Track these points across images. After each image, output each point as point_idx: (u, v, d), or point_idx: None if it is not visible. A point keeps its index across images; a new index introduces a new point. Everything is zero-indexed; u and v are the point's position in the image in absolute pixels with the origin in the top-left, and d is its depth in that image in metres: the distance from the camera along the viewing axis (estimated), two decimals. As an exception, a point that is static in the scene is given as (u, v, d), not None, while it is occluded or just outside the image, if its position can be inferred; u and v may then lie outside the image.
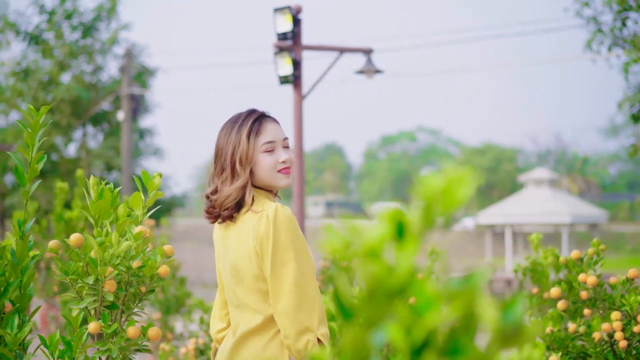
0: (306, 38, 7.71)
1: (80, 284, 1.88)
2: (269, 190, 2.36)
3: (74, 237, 1.83)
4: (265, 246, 2.17)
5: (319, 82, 7.88)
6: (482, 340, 0.75)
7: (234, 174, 2.27)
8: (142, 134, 18.37)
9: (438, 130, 61.19)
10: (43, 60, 17.35)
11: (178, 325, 6.07)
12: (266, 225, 2.18)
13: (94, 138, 18.25)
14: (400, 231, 0.74)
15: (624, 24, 11.08)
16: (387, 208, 0.74)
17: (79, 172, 5.21)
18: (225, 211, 2.28)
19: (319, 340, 2.15)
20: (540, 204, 25.87)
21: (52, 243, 1.89)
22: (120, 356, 1.88)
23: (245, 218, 2.26)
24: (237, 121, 2.35)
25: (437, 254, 4.96)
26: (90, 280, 1.82)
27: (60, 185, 4.85)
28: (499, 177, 44.41)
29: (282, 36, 7.46)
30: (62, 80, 17.34)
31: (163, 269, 1.88)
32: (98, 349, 1.88)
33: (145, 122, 19.05)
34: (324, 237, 0.75)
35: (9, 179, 20.34)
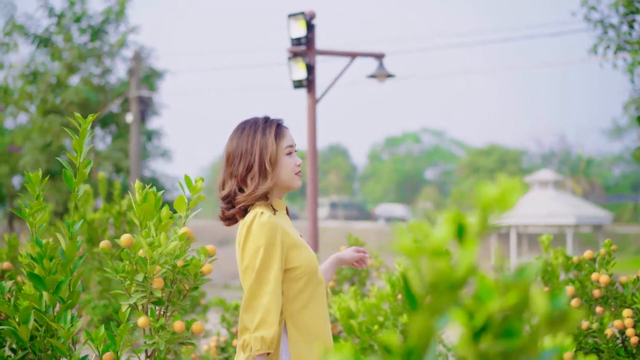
0: (318, 43, 7.83)
1: (129, 282, 2.01)
2: (272, 200, 2.49)
3: (125, 238, 1.95)
4: (240, 249, 2.34)
5: (332, 86, 8.02)
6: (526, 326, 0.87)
7: (262, 173, 2.43)
8: (150, 136, 18.51)
9: (442, 131, 61.26)
10: (51, 62, 17.50)
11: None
12: (241, 230, 2.35)
13: (102, 140, 18.39)
14: (460, 232, 0.86)
15: (631, 27, 11.17)
16: (450, 213, 0.87)
17: (101, 175, 5.34)
18: (237, 210, 2.41)
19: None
20: (544, 205, 25.98)
21: (103, 243, 2.01)
22: (166, 349, 2.00)
23: (245, 219, 2.41)
24: (257, 125, 2.50)
25: (447, 254, 5.08)
26: (140, 277, 1.95)
27: (86, 189, 4.98)
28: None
29: (296, 41, 7.60)
30: (71, 83, 17.48)
31: (207, 268, 2.00)
32: (145, 342, 2.01)
33: (152, 124, 19.19)
34: (396, 237, 0.87)
35: (17, 180, 20.50)
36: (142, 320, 1.94)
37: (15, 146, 17.20)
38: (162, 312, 2.04)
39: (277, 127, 2.51)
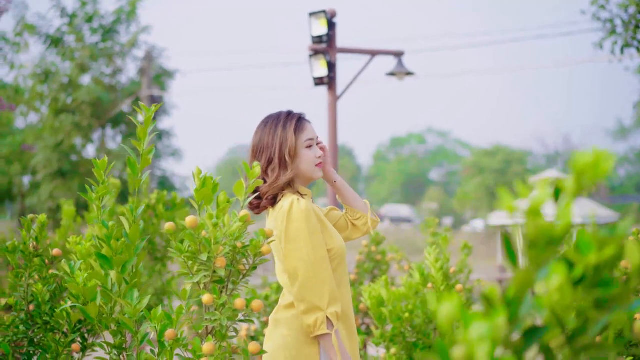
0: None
1: (192, 262, 2.12)
2: (298, 186, 2.65)
3: (190, 219, 2.06)
4: (281, 235, 2.47)
5: (352, 83, 8.15)
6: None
7: (282, 165, 2.57)
8: (160, 135, 18.64)
9: (447, 132, 61.35)
10: (63, 62, 17.63)
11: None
12: (282, 216, 2.49)
13: (113, 140, 18.53)
14: (557, 194, 0.97)
15: (637, 26, 11.24)
16: (548, 178, 0.97)
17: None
18: (266, 200, 2.58)
19: (328, 319, 2.42)
20: (550, 206, 26.00)
21: (168, 225, 2.12)
22: (227, 325, 2.11)
23: (276, 208, 2.57)
24: (279, 119, 2.65)
25: (469, 248, 5.17)
26: (204, 257, 2.06)
27: (113, 181, 5.11)
28: (508, 178, 44.54)
29: (317, 39, 7.72)
30: (82, 83, 17.61)
31: (266, 248, 2.11)
32: (207, 319, 2.11)
33: (163, 123, 19.32)
34: (501, 198, 0.98)
35: (27, 180, 20.65)
36: (206, 298, 2.05)
37: (28, 145, 17.34)
38: (223, 290, 2.14)
39: (297, 121, 2.64)
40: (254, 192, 2.59)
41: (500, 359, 0.92)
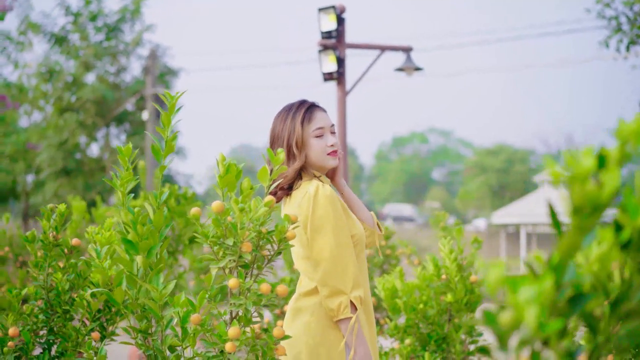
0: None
1: (217, 247, 2.14)
2: (318, 174, 2.66)
3: (216, 204, 2.08)
4: (307, 220, 2.48)
5: (361, 78, 8.18)
6: None
7: (290, 155, 2.59)
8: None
9: (449, 131, 61.36)
10: (67, 61, 17.67)
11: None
12: (307, 201, 2.50)
13: (117, 138, 18.56)
14: (602, 162, 0.99)
15: (643, 24, 11.24)
16: (591, 147, 0.99)
17: (142, 164, 5.54)
18: (280, 190, 2.60)
19: (352, 303, 2.44)
20: (554, 205, 25.99)
21: (194, 210, 2.14)
22: (252, 310, 2.13)
23: (296, 195, 2.59)
24: (290, 110, 2.67)
25: (479, 243, 5.19)
26: (230, 242, 2.08)
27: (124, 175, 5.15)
28: (511, 178, 44.54)
29: (327, 35, 7.74)
30: (86, 81, 17.65)
31: (291, 233, 2.13)
32: (233, 303, 2.13)
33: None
34: (546, 165, 1.00)
35: (30, 178, 20.68)
36: (232, 282, 2.07)
37: (32, 144, 17.38)
38: (248, 275, 2.16)
39: (305, 111, 2.65)
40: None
41: (548, 323, 0.93)
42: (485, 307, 1.01)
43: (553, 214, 1.00)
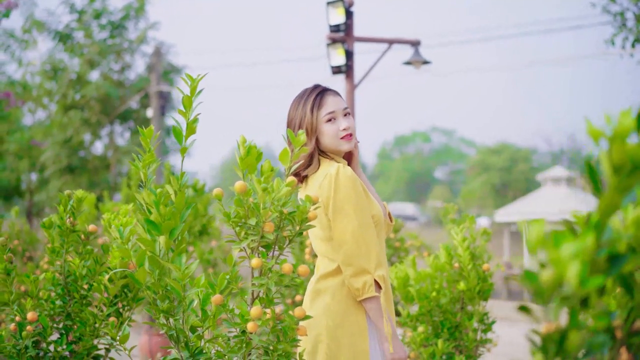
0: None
1: (239, 227, 2.15)
2: (334, 157, 2.68)
3: (239, 184, 2.10)
4: (328, 201, 2.50)
5: (370, 71, 8.20)
6: None
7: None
8: (168, 131, 18.70)
9: (452, 130, 61.36)
10: (71, 59, 17.69)
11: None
12: (329, 183, 2.51)
13: (121, 136, 18.58)
14: (641, 123, 1.01)
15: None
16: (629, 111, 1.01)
17: (167, 164, 5.65)
18: (296, 176, 2.64)
19: (376, 282, 2.45)
20: (558, 203, 26.00)
21: (217, 190, 2.16)
22: (274, 290, 2.14)
23: (315, 178, 2.61)
24: (303, 96, 2.70)
25: (488, 234, 5.21)
26: (253, 222, 2.09)
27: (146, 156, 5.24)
28: (513, 176, 44.52)
29: (335, 28, 7.76)
30: (90, 79, 17.67)
31: (312, 214, 2.14)
32: (254, 283, 2.15)
33: (171, 120, 19.38)
34: (587, 125, 1.02)
35: (34, 176, 20.71)
36: (255, 262, 2.08)
37: (37, 141, 17.41)
38: (271, 255, 2.18)
39: (315, 98, 2.66)
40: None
41: (590, 279, 0.95)
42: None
43: (592, 171, 1.01)
